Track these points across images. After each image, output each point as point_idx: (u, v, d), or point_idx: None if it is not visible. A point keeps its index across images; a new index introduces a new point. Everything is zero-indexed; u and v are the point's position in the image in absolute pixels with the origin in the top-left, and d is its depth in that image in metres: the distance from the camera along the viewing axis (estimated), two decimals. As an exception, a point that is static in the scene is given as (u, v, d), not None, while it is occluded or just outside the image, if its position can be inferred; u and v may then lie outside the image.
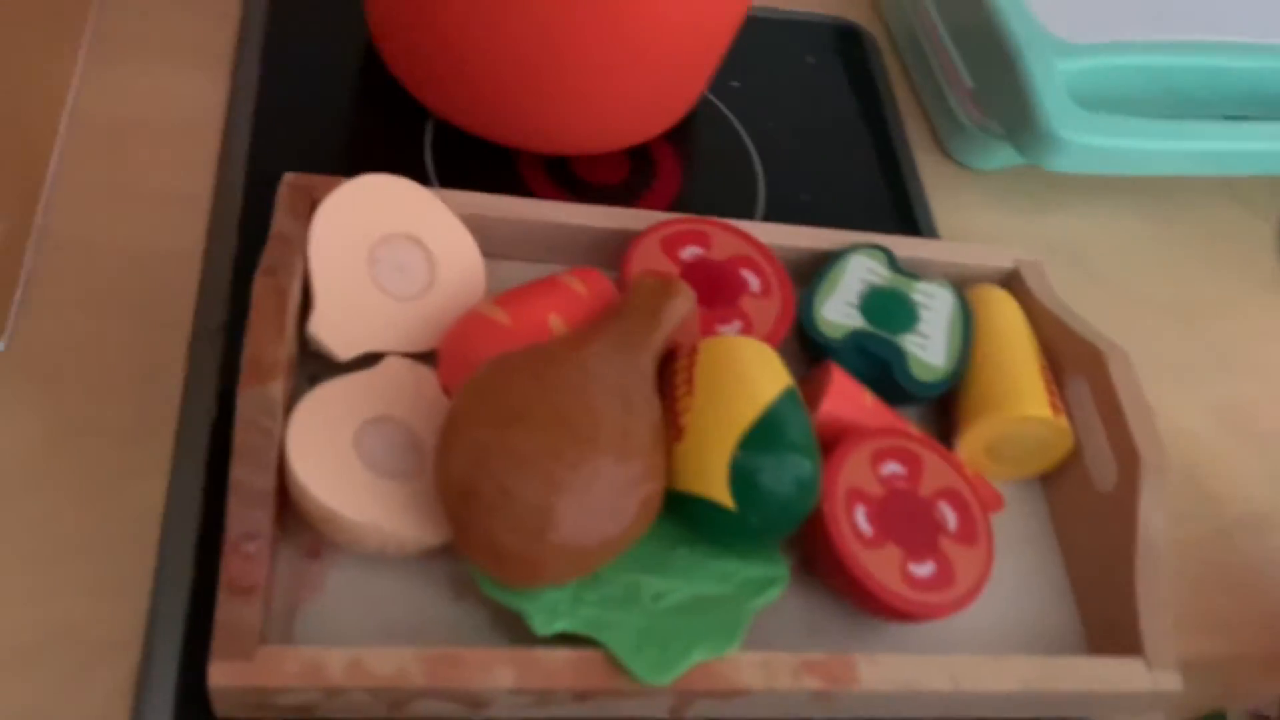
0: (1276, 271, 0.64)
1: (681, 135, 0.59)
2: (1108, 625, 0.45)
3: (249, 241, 0.50)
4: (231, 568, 0.37)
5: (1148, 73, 0.58)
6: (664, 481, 0.40)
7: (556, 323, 0.44)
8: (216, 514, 0.42)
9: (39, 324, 0.46)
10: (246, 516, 0.38)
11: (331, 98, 0.56)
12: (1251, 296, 0.63)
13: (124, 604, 0.40)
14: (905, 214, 0.59)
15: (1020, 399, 0.47)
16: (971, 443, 0.47)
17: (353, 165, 0.54)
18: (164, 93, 0.55)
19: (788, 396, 0.42)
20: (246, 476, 0.38)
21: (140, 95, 0.54)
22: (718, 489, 0.40)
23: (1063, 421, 0.47)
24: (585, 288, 0.46)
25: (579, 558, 0.38)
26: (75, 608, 0.40)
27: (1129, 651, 0.44)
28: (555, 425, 0.38)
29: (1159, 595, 0.44)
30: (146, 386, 0.45)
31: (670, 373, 0.44)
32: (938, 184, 0.62)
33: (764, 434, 0.40)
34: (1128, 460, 0.45)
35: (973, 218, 0.61)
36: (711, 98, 0.61)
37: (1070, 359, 0.49)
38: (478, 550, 0.37)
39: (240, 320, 0.47)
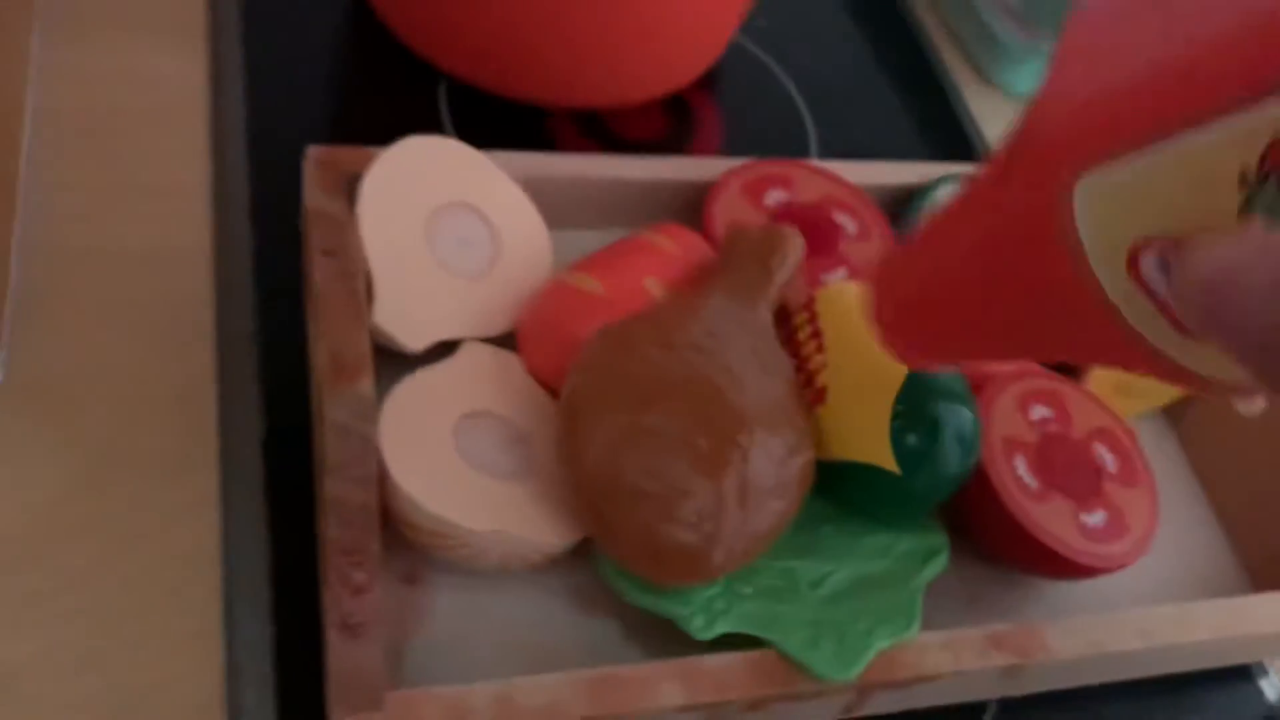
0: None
1: (716, 81, 0.54)
2: (1273, 559, 0.42)
3: (265, 232, 0.43)
4: (341, 602, 0.31)
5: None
6: (814, 448, 0.35)
7: (654, 286, 0.39)
8: (285, 544, 0.36)
9: (41, 346, 0.39)
10: (350, 539, 0.32)
11: (326, 64, 0.50)
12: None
13: (196, 660, 0.34)
14: (960, 143, 0.55)
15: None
16: (1102, 377, 0.43)
17: (365, 135, 0.47)
18: (134, 73, 0.47)
19: (929, 342, 0.37)
20: (344, 491, 0.32)
21: (108, 78, 0.47)
22: (880, 453, 0.35)
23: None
24: (675, 245, 0.40)
25: (748, 543, 0.32)
26: (140, 671, 0.33)
27: (1308, 583, 0.40)
28: (699, 396, 0.33)
29: (1331, 519, 0.41)
30: (178, 407, 0.39)
31: (789, 329, 0.39)
32: (981, 111, 0.58)
33: (919, 387, 0.35)
34: None
35: (1026, 145, 0.57)
36: (742, 39, 0.56)
37: (1185, 278, 0.46)
38: (631, 549, 0.32)
39: (273, 321, 0.40)
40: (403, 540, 0.35)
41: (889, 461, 0.35)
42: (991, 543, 0.39)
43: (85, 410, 0.38)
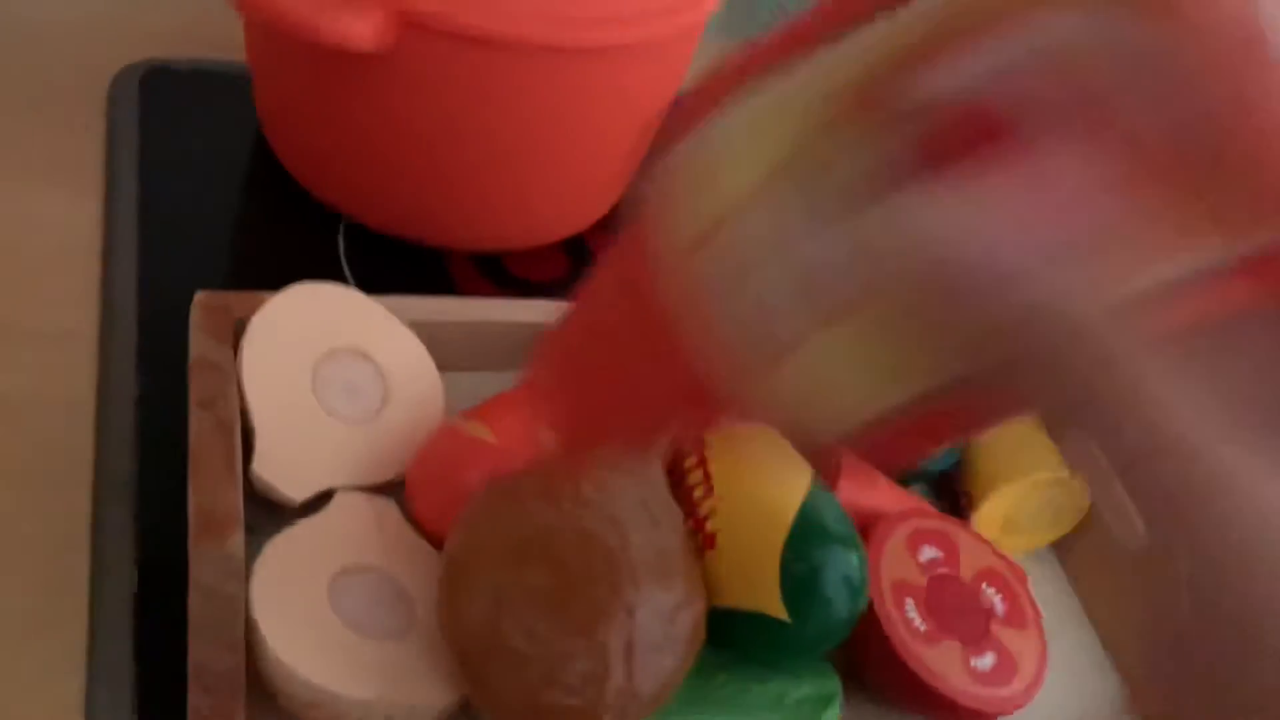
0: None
1: (615, 221, 0.55)
2: (1164, 695, 0.42)
3: (151, 378, 0.42)
4: (206, 779, 0.29)
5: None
6: (706, 600, 0.35)
7: (546, 434, 0.39)
8: (154, 710, 0.34)
9: (-101, 501, 0.37)
10: (214, 706, 0.30)
11: (223, 206, 0.50)
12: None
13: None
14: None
15: (1038, 461, 0.44)
16: (989, 515, 0.44)
17: (260, 279, 0.47)
18: (27, 217, 0.47)
19: (816, 487, 0.37)
20: (209, 657, 0.31)
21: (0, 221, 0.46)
22: (769, 600, 0.35)
23: (1081, 481, 0.44)
24: (566, 390, 0.40)
25: (637, 706, 0.32)
26: None
27: (1195, 721, 0.41)
28: (582, 553, 0.32)
29: (1214, 655, 0.41)
30: (49, 562, 0.37)
31: (679, 474, 0.39)
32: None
33: (807, 532, 0.35)
34: (1159, 514, 0.43)
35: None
36: (639, 181, 0.58)
37: (1068, 415, 0.47)
38: (511, 713, 0.31)
39: (151, 471, 0.39)
40: (274, 707, 0.34)
41: (778, 609, 0.34)
42: (884, 686, 0.39)
43: (-55, 569, 0.36)
